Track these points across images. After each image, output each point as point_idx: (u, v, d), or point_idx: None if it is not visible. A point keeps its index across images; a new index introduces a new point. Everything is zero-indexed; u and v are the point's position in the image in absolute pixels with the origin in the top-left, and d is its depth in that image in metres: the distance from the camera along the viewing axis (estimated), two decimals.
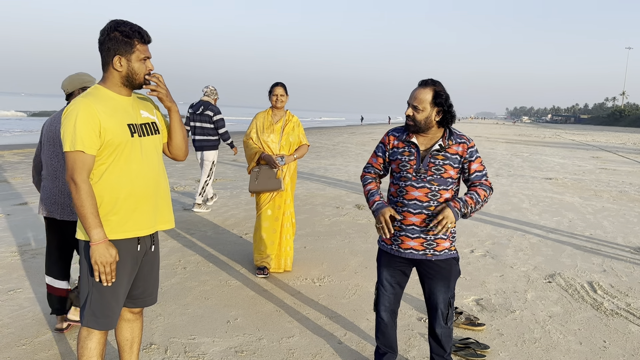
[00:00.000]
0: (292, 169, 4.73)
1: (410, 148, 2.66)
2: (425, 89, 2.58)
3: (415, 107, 2.58)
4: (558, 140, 36.33)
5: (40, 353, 3.09)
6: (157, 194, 2.34)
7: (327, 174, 12.10)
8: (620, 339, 3.63)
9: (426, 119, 2.58)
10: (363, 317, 3.82)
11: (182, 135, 2.46)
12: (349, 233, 6.39)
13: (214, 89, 7.15)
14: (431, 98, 2.56)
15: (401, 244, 2.68)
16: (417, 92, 2.60)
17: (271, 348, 3.29)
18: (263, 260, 4.65)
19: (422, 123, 2.59)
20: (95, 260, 2.12)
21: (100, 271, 2.15)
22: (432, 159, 2.60)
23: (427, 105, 2.56)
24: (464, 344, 3.31)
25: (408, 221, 2.63)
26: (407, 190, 2.62)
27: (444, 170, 2.59)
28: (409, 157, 2.65)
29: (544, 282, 4.81)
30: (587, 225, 7.51)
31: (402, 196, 2.64)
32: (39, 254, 4.99)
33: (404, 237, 2.66)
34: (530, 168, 15.74)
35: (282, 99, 4.62)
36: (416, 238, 2.64)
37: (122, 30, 2.17)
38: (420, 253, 2.66)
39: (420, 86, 2.61)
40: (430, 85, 2.59)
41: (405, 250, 2.67)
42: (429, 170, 2.59)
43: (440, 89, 2.58)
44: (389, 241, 2.74)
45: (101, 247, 2.12)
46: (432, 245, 2.65)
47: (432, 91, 2.57)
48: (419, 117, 2.58)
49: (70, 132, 2.08)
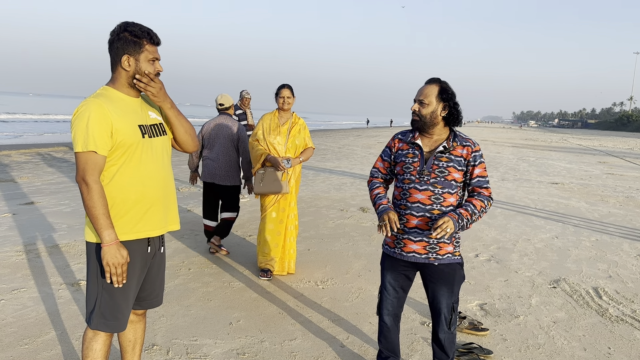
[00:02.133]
0: (297, 171, 4.73)
1: (415, 150, 2.65)
2: (432, 85, 2.62)
3: (421, 101, 2.60)
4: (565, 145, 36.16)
5: (42, 352, 3.09)
6: (167, 195, 2.34)
7: (332, 177, 12.09)
8: (625, 346, 3.60)
9: (432, 114, 2.59)
10: (366, 321, 3.81)
11: (185, 129, 2.39)
12: (353, 236, 6.38)
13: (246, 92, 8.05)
14: (437, 92, 2.59)
15: (404, 247, 2.66)
16: (423, 88, 2.63)
17: (273, 350, 3.28)
18: (267, 263, 4.64)
19: (427, 118, 2.59)
20: (107, 261, 2.11)
21: (112, 273, 2.13)
22: (436, 160, 2.59)
23: (433, 100, 2.58)
24: (467, 349, 3.29)
25: (411, 224, 2.62)
26: (410, 192, 2.61)
27: (447, 173, 2.57)
28: (413, 159, 2.64)
29: (548, 287, 4.78)
30: (592, 230, 7.47)
31: (406, 199, 2.63)
32: (44, 254, 5.01)
33: (407, 240, 2.65)
34: (536, 172, 15.67)
35: (289, 101, 4.61)
36: (419, 241, 2.62)
37: (132, 30, 2.17)
38: (422, 257, 2.64)
39: (426, 83, 2.65)
40: (437, 82, 2.63)
41: (408, 253, 2.66)
42: (432, 172, 2.58)
43: (446, 86, 2.62)
44: (392, 244, 2.73)
45: (113, 248, 2.11)
46: (435, 249, 2.62)
47: (438, 86, 2.60)
48: (424, 111, 2.59)
49: (82, 133, 2.08)
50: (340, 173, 12.94)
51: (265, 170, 4.56)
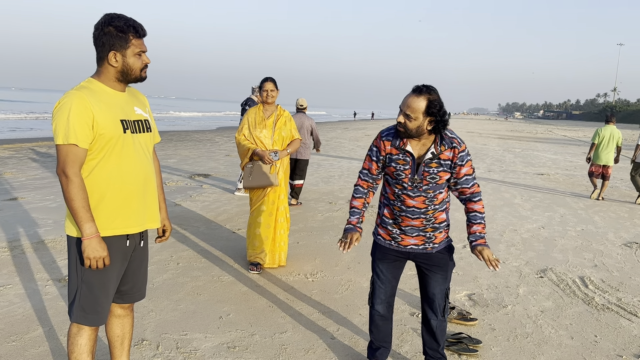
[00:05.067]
0: (285, 164, 4.71)
1: (406, 157, 2.58)
2: (419, 98, 2.46)
3: (407, 115, 2.48)
4: (550, 136, 36.51)
5: (30, 349, 3.06)
6: (147, 192, 2.32)
7: (320, 170, 12.08)
8: (612, 334, 3.66)
9: (418, 128, 2.50)
10: (356, 312, 3.82)
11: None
12: (342, 229, 6.39)
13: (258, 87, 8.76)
14: (424, 107, 2.46)
15: (401, 241, 2.70)
16: (410, 100, 2.48)
17: (264, 344, 3.28)
18: (257, 256, 4.63)
19: (413, 131, 2.51)
20: (88, 255, 2.10)
21: (92, 266, 2.13)
22: (427, 167, 2.56)
23: (420, 115, 2.46)
24: (456, 338, 3.32)
25: (407, 224, 2.65)
26: (404, 197, 2.61)
27: (439, 178, 2.57)
28: (404, 165, 2.58)
29: (535, 277, 4.83)
30: (578, 220, 7.56)
31: (401, 202, 2.63)
32: (29, 250, 4.95)
33: (404, 236, 2.69)
34: (522, 164, 15.81)
35: (273, 94, 4.59)
36: (416, 236, 2.67)
37: (117, 25, 2.13)
38: (420, 247, 2.70)
39: (414, 93, 2.49)
40: (425, 93, 2.47)
41: (406, 246, 2.70)
42: (424, 179, 2.56)
43: (435, 98, 2.47)
44: (387, 236, 2.74)
45: (93, 241, 2.10)
46: (432, 239, 2.68)
47: (426, 100, 2.46)
48: (410, 125, 2.50)
49: (63, 125, 2.05)
50: (328, 166, 12.94)
51: (253, 164, 4.54)
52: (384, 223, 2.74)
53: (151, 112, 2.46)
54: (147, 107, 2.43)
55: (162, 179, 2.34)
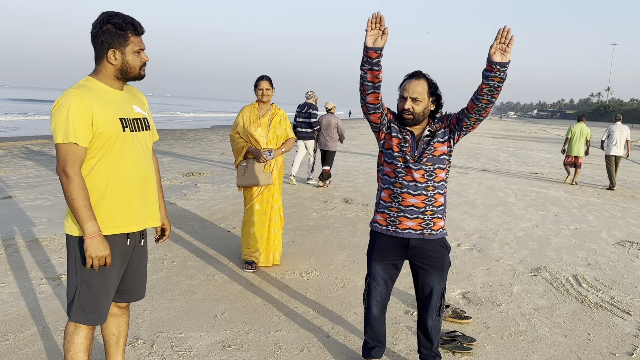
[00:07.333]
0: (280, 162, 4.71)
1: (405, 135, 2.65)
2: (420, 80, 2.59)
3: (414, 99, 2.57)
4: (544, 135, 36.65)
5: (24, 348, 3.05)
6: (146, 190, 2.32)
7: (315, 169, 12.07)
8: (605, 332, 3.68)
9: (424, 110, 2.61)
10: (350, 311, 3.83)
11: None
12: (336, 227, 6.40)
13: (312, 93, 9.53)
14: (427, 88, 2.59)
15: (399, 224, 2.67)
16: (412, 85, 2.58)
17: (258, 342, 3.28)
18: (251, 255, 4.63)
19: (420, 115, 2.60)
20: (90, 254, 2.09)
21: (94, 266, 2.12)
22: (425, 144, 2.63)
23: (426, 96, 2.59)
24: (450, 336, 3.33)
25: (407, 202, 2.64)
26: (405, 171, 2.63)
27: (434, 149, 2.63)
28: (404, 143, 2.64)
29: (529, 275, 4.86)
30: (572, 219, 7.60)
31: (401, 177, 2.64)
32: (23, 248, 4.93)
33: (402, 218, 2.66)
34: (516, 163, 15.87)
35: (268, 92, 4.58)
36: (415, 218, 2.65)
37: (115, 22, 2.13)
38: (417, 233, 2.67)
39: (413, 78, 2.60)
40: (422, 76, 2.61)
41: (403, 230, 2.67)
42: (423, 152, 2.62)
43: (431, 79, 2.63)
44: (384, 222, 2.72)
45: (95, 240, 2.09)
46: (430, 225, 2.66)
47: (426, 81, 2.60)
48: (417, 109, 2.58)
49: (62, 124, 2.05)
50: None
51: (247, 163, 4.54)
52: (382, 207, 2.73)
53: (149, 111, 2.46)
54: (146, 105, 2.43)
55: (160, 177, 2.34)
